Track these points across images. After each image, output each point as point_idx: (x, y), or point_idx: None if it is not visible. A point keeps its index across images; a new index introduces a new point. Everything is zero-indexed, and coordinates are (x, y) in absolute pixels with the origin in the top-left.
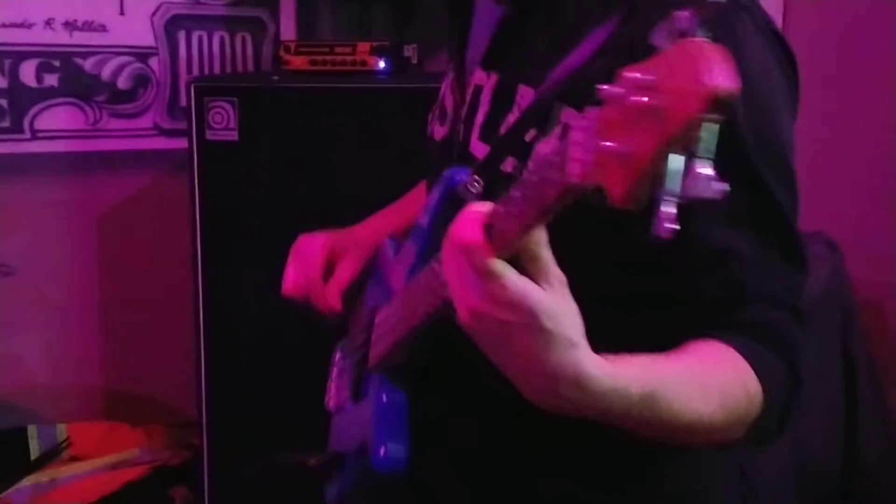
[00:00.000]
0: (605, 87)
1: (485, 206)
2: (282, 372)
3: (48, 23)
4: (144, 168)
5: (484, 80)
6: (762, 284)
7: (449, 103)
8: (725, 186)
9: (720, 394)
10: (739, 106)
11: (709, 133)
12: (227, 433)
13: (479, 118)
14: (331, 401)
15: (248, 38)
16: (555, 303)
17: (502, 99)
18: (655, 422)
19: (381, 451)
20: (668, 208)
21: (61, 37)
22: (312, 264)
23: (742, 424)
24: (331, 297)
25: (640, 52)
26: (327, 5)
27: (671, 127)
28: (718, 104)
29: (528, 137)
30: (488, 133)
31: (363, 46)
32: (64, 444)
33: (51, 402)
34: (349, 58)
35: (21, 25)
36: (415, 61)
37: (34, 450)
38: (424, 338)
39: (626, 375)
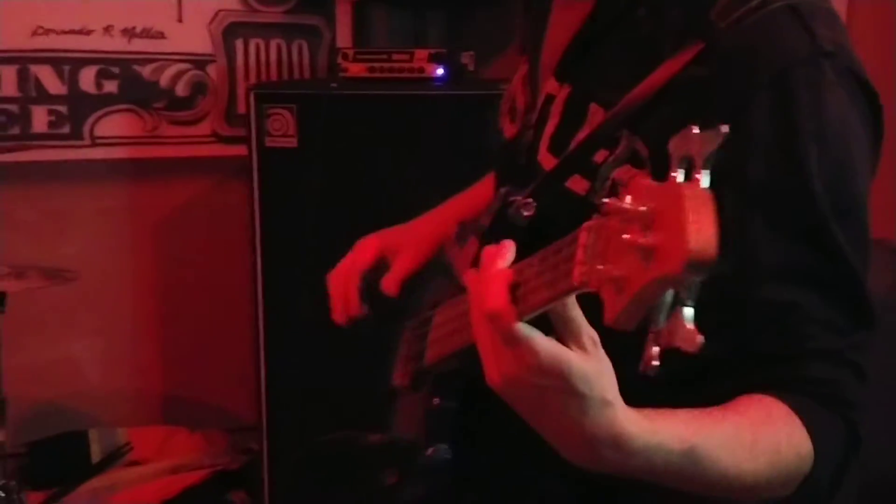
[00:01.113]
0: (607, 200)
1: (507, 262)
2: (340, 377)
3: (107, 30)
4: (203, 175)
5: (556, 90)
6: (824, 340)
7: (520, 102)
8: (702, 340)
9: (769, 452)
10: (815, 161)
11: (693, 284)
12: (285, 438)
13: (549, 129)
14: (396, 379)
15: (305, 46)
16: (588, 365)
17: (573, 113)
18: (698, 478)
19: (429, 451)
20: (655, 348)
21: (120, 44)
22: (357, 259)
23: (791, 484)
24: (387, 286)
25: (725, 105)
26: (383, 13)
27: (659, 271)
28: (698, 267)
29: (597, 158)
30: (557, 146)
31: (421, 53)
32: (124, 449)
33: (111, 407)
34: (407, 65)
35: (80, 32)
36: (472, 68)
37: (95, 453)
38: (474, 354)
39: (666, 431)
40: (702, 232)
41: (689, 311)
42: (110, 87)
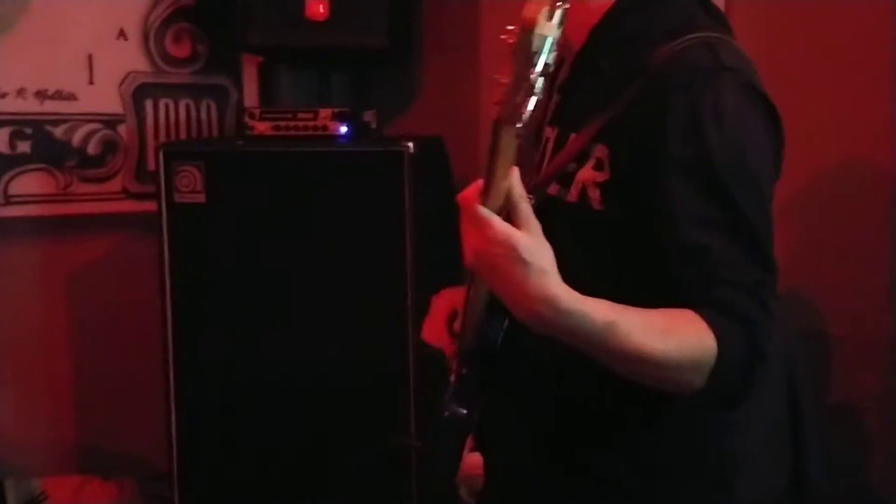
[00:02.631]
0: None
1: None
2: (250, 426)
3: (20, 92)
4: (114, 230)
5: (550, 133)
6: (731, 274)
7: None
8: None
9: (678, 339)
10: (715, 139)
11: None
12: (196, 486)
13: (545, 160)
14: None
15: (213, 105)
16: (530, 241)
17: (559, 145)
18: (617, 350)
19: (454, 408)
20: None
21: (32, 105)
22: (437, 313)
23: (699, 370)
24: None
25: (652, 109)
26: (287, 73)
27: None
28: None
29: (569, 169)
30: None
31: (325, 112)
32: (39, 498)
33: (26, 458)
34: (311, 123)
35: None
36: (374, 126)
37: (11, 502)
38: (489, 325)
39: (592, 304)
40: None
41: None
42: (23, 147)
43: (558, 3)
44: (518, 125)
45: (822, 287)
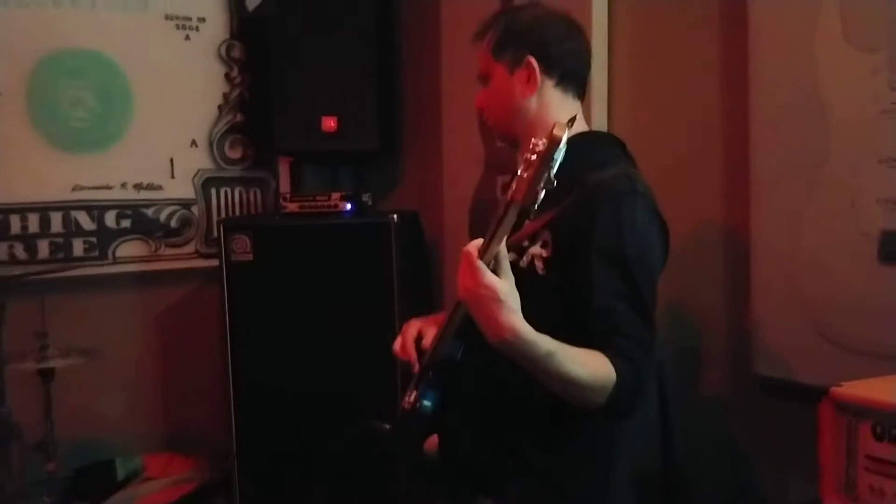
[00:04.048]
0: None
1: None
2: (286, 421)
3: (123, 185)
4: (189, 281)
5: None
6: (629, 330)
7: None
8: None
9: (592, 368)
10: (629, 240)
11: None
12: (249, 461)
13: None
14: (406, 402)
15: (258, 192)
16: (507, 287)
17: (515, 227)
18: (553, 372)
19: (423, 402)
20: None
21: (132, 194)
22: (407, 333)
23: (604, 392)
24: (425, 345)
25: (583, 212)
26: (309, 169)
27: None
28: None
29: (524, 244)
30: (514, 248)
31: (335, 195)
32: (140, 470)
33: (129, 441)
34: (326, 203)
35: (104, 187)
36: (370, 204)
37: (120, 475)
38: (454, 345)
39: (541, 336)
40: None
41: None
42: (125, 223)
43: (568, 130)
44: (534, 206)
45: (684, 309)
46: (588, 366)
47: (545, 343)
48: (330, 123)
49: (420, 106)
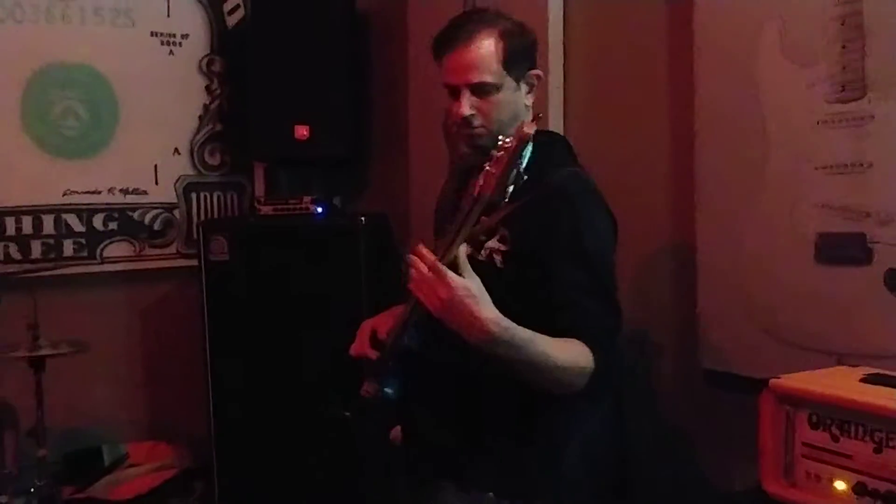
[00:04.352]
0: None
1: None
2: (260, 408)
3: (110, 190)
4: (171, 279)
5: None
6: (593, 318)
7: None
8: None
9: (568, 353)
10: (587, 235)
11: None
12: (227, 449)
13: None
14: (364, 391)
15: (235, 195)
16: (477, 282)
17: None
18: (536, 357)
19: (385, 389)
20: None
21: (118, 198)
22: (362, 333)
23: (582, 376)
24: (381, 336)
25: (540, 210)
26: (283, 174)
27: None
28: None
29: (480, 238)
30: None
31: (307, 199)
32: (124, 456)
33: (116, 429)
34: (298, 206)
35: (93, 192)
36: (340, 206)
37: (106, 461)
38: (413, 336)
39: (521, 328)
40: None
41: None
42: (112, 225)
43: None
44: (503, 200)
45: (635, 306)
46: (567, 350)
47: (525, 330)
48: (302, 131)
49: (388, 114)
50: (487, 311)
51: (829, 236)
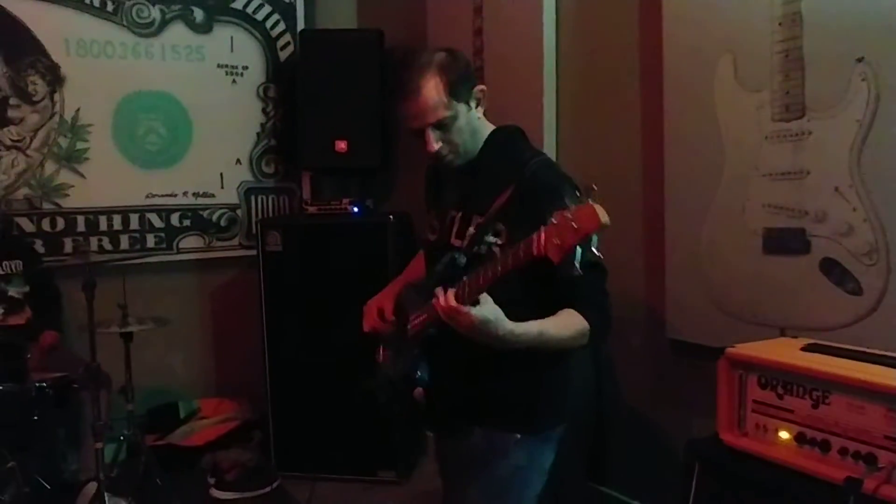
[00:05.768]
0: (555, 212)
1: (451, 292)
2: (310, 373)
3: (185, 193)
4: (234, 267)
5: (455, 214)
6: (590, 290)
7: (436, 226)
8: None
9: (572, 328)
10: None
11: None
12: (281, 404)
13: (455, 230)
14: (380, 357)
15: (286, 198)
16: (489, 307)
17: (465, 221)
18: (546, 344)
19: (418, 373)
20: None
21: (191, 200)
22: (370, 311)
23: (584, 338)
24: (387, 314)
25: (528, 203)
26: (326, 180)
27: (581, 235)
28: (599, 230)
29: (487, 238)
30: (460, 236)
31: (345, 200)
32: (197, 410)
33: (189, 388)
34: (338, 206)
35: (170, 195)
36: (372, 207)
37: (182, 414)
38: (432, 327)
39: (528, 325)
40: (599, 217)
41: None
42: (187, 222)
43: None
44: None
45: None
46: (569, 327)
47: (533, 327)
48: (342, 145)
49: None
50: (502, 328)
51: (774, 231)
